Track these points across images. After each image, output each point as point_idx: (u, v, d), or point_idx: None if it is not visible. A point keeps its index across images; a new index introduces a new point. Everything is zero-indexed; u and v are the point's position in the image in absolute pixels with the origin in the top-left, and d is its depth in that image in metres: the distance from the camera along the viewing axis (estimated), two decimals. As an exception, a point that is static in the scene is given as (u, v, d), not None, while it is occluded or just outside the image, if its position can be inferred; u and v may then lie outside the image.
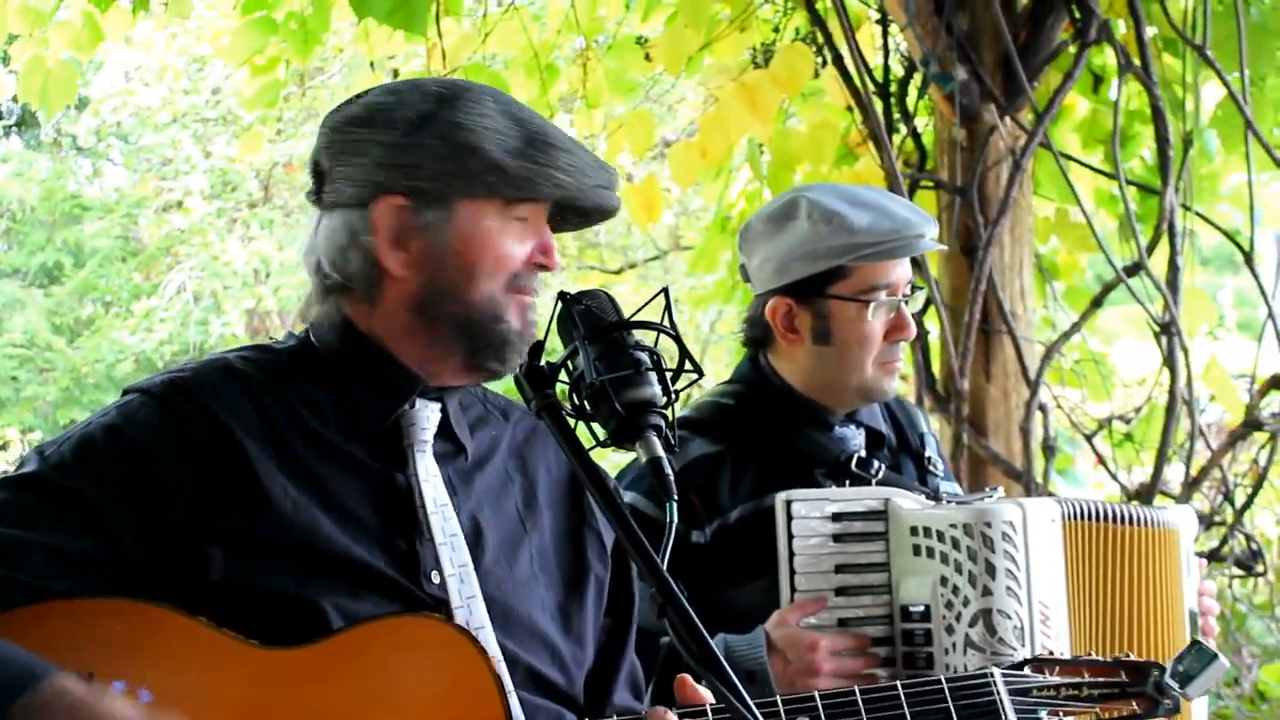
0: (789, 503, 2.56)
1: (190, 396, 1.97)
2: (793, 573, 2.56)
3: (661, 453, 1.73)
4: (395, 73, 7.55)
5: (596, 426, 1.80)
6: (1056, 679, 2.14)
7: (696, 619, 1.59)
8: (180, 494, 1.90)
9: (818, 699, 1.97)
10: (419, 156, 1.97)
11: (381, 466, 2.02)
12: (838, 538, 2.56)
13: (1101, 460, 4.51)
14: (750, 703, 1.49)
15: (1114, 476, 4.53)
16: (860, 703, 1.98)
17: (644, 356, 1.79)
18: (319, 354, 2.07)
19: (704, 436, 2.78)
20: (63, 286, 14.49)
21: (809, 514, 2.56)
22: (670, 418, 1.77)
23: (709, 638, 1.58)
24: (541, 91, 5.33)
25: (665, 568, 1.66)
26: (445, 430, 2.08)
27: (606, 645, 2.19)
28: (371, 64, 5.87)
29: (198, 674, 1.81)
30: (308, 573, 1.91)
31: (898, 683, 2.03)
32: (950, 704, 2.05)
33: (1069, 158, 4.58)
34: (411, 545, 1.98)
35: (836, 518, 2.56)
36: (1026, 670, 2.15)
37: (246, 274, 11.84)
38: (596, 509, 2.17)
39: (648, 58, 5.54)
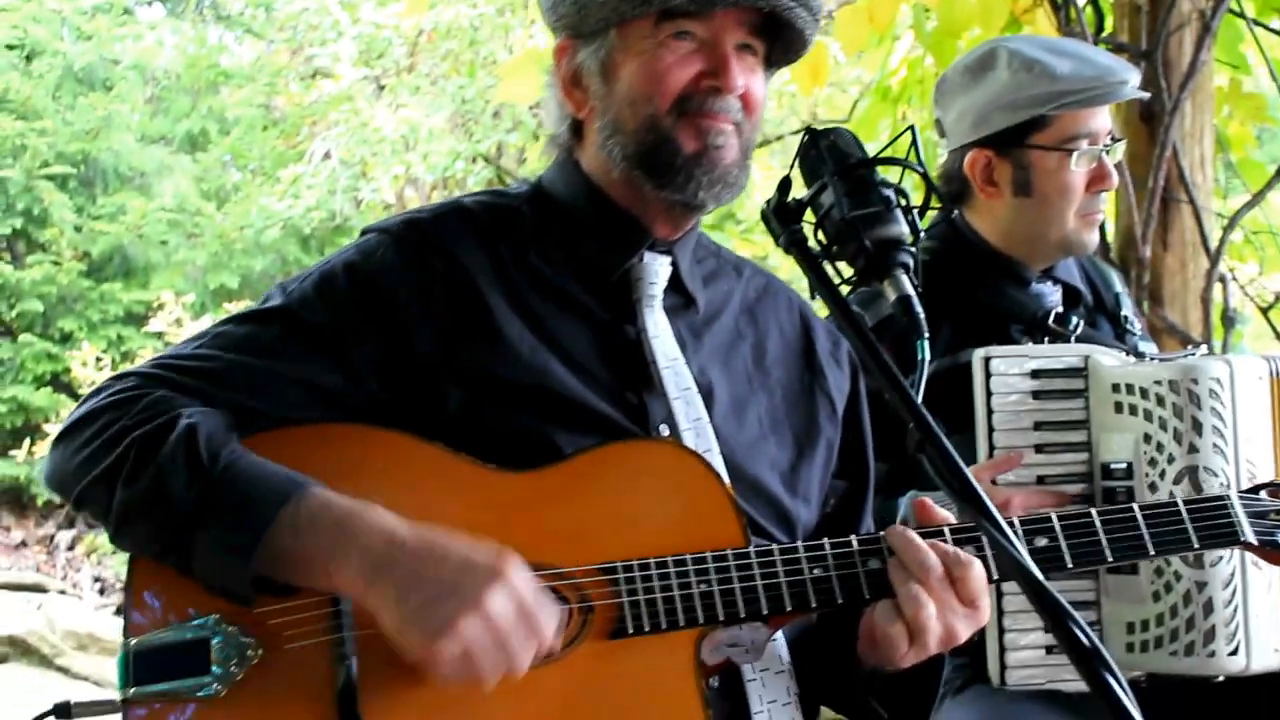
0: (988, 359, 2.55)
1: (428, 237, 1.99)
2: (991, 429, 2.55)
3: (911, 290, 1.73)
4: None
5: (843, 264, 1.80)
6: None
7: (955, 453, 1.60)
8: (418, 330, 1.92)
9: (1054, 518, 1.94)
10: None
11: (611, 318, 2.02)
12: (1037, 394, 2.55)
13: (1277, 333, 4.42)
14: (1014, 538, 1.48)
15: (1288, 350, 4.44)
16: (1098, 523, 1.95)
17: (891, 194, 1.77)
18: (552, 202, 2.09)
19: None
20: (208, 154, 14.72)
21: (1008, 370, 2.55)
22: (918, 255, 1.77)
23: (968, 470, 1.59)
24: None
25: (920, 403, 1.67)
26: (676, 284, 2.06)
27: (840, 507, 2.19)
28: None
29: (437, 495, 1.84)
30: (542, 414, 1.92)
31: (1135, 504, 1.99)
32: (1189, 525, 2.01)
33: (1257, 23, 4.42)
34: (640, 398, 1.99)
35: (1036, 374, 2.55)
36: (1263, 495, 2.10)
37: (395, 141, 11.85)
38: (843, 344, 2.18)
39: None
